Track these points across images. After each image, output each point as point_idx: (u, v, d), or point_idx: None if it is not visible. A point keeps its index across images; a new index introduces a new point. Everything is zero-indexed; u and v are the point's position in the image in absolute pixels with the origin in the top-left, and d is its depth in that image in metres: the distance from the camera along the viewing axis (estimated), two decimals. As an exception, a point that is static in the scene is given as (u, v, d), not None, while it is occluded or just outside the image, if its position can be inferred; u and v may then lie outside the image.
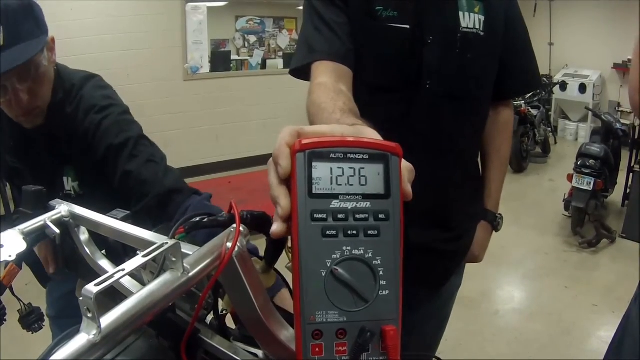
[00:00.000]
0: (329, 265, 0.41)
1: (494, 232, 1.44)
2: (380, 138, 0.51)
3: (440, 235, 1.27)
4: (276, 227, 0.43)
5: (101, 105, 1.24)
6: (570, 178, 4.00)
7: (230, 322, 0.73)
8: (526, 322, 3.01)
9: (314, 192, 0.42)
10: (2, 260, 0.67)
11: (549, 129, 7.00)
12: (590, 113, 6.40)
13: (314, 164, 0.42)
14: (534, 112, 6.26)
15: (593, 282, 3.47)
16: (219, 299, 0.71)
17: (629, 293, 1.14)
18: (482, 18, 1.15)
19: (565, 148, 7.26)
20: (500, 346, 2.75)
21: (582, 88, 7.44)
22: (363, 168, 0.43)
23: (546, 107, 7.07)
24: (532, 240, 4.15)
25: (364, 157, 0.43)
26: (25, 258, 0.82)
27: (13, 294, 0.85)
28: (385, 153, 0.44)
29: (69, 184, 1.32)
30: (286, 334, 0.59)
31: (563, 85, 7.60)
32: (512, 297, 3.38)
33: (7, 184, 1.73)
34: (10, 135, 1.30)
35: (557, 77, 7.69)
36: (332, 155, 0.43)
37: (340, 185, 0.42)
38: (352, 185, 0.43)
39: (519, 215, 4.51)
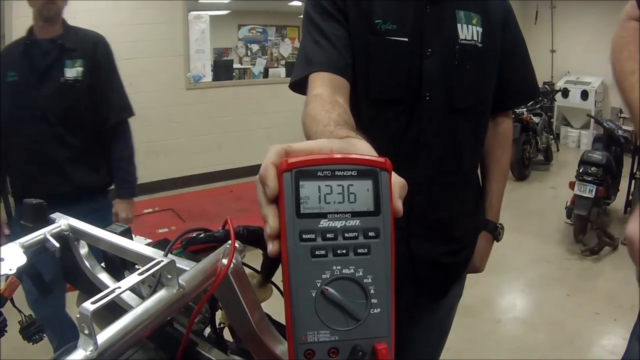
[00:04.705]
0: (319, 285, 0.41)
1: (495, 241, 1.44)
2: (374, 151, 0.49)
3: (443, 247, 1.26)
4: (271, 248, 0.42)
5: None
6: (572, 185, 3.99)
7: (227, 335, 0.74)
8: (528, 330, 2.99)
9: (302, 211, 0.41)
10: (2, 273, 0.68)
11: (551, 136, 6.99)
12: (592, 120, 6.39)
13: (301, 183, 0.41)
14: (535, 119, 6.26)
15: (595, 290, 3.45)
16: (217, 312, 0.72)
17: (631, 300, 1.12)
18: (480, 30, 1.16)
19: (567, 155, 7.24)
20: (502, 355, 2.73)
21: (584, 95, 7.42)
22: (351, 185, 0.42)
23: (548, 115, 7.06)
24: (534, 248, 4.14)
25: (352, 173, 0.42)
26: (26, 270, 0.83)
27: (14, 305, 0.85)
28: (373, 168, 0.43)
29: (73, 67, 1.90)
30: (282, 348, 0.60)
31: (565, 92, 7.59)
32: (514, 305, 3.36)
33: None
34: (27, 44, 1.91)
35: (559, 84, 7.67)
36: (319, 173, 0.42)
37: (329, 203, 0.42)
38: (340, 203, 0.42)
39: (520, 223, 4.49)
